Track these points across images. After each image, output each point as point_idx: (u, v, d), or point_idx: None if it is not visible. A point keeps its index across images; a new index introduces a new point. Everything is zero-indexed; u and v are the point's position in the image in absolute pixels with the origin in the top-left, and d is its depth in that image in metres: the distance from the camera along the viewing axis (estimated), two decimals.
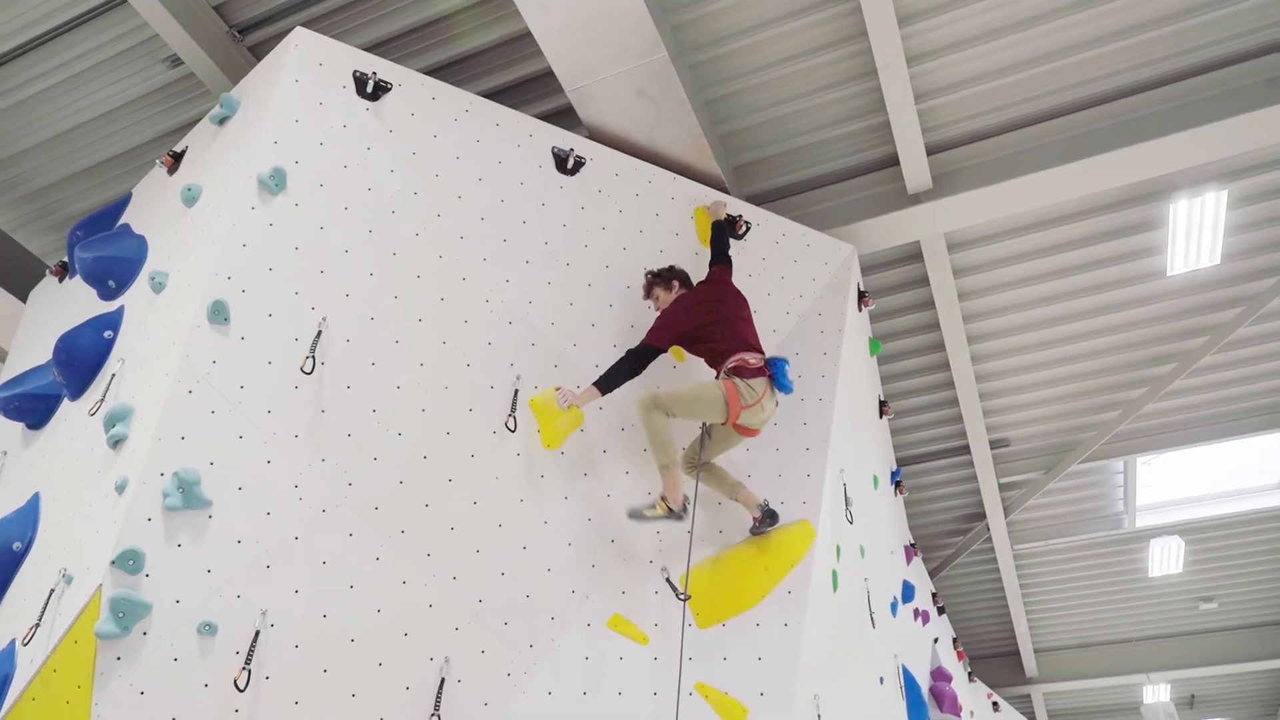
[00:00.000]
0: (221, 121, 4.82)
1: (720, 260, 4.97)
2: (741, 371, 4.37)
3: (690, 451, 4.61)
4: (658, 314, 4.73)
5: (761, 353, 4.53)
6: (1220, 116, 5.33)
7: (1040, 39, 5.36)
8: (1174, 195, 6.15)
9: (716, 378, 4.47)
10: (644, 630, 4.42)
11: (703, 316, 4.55)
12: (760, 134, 5.95)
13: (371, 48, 5.59)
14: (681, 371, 4.92)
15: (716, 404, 4.32)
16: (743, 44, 5.43)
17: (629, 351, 4.46)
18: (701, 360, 4.72)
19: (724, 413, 4.34)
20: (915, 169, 5.75)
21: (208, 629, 3.60)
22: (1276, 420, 7.83)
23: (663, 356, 4.58)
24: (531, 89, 5.89)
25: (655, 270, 4.88)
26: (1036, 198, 5.92)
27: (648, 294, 4.86)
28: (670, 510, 4.29)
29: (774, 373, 4.41)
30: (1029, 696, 11.51)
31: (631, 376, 4.42)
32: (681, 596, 4.36)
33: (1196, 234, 6.36)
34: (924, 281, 6.83)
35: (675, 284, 4.81)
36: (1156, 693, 11.54)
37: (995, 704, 9.30)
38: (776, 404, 4.50)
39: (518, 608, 4.30)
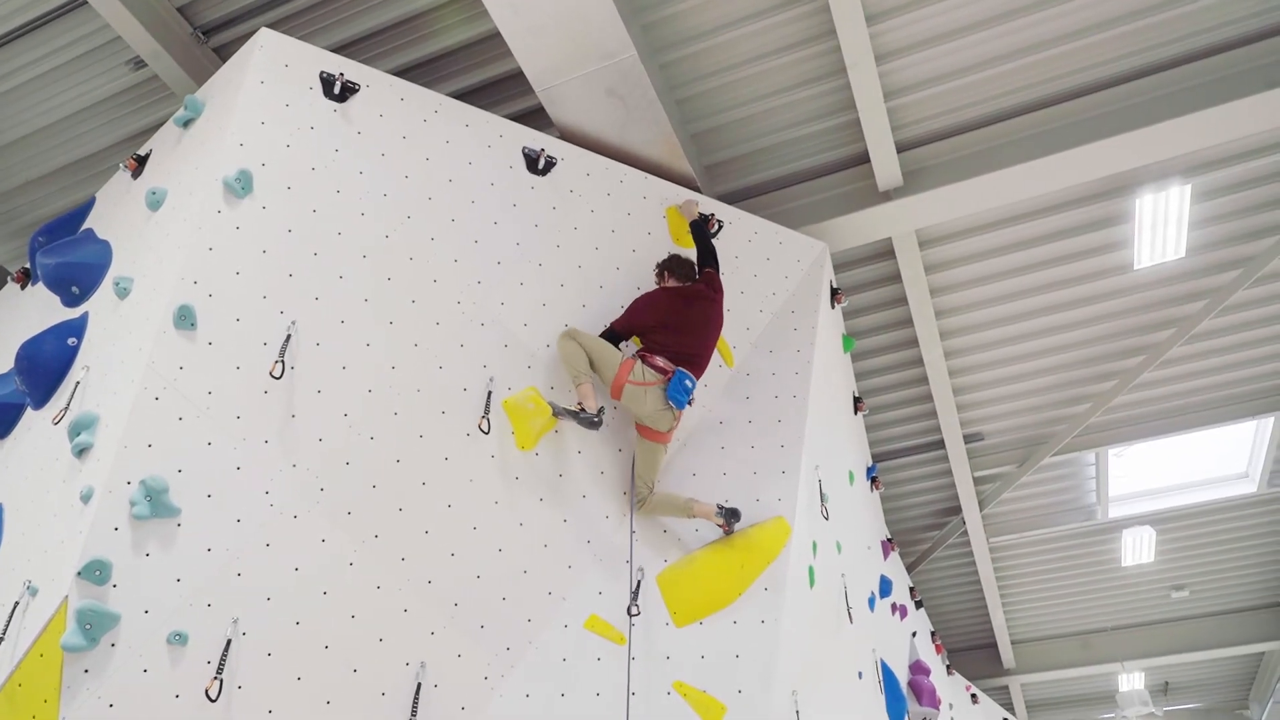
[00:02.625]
0: (186, 124, 4.75)
1: (709, 262, 5.02)
2: (647, 360, 4.56)
3: (641, 487, 4.71)
4: None
5: (686, 373, 4.59)
6: (1182, 112, 5.40)
7: (1007, 36, 5.41)
8: (1140, 190, 6.24)
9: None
10: (621, 630, 4.41)
11: (661, 317, 4.69)
12: (731, 133, 5.96)
13: (338, 49, 5.54)
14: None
15: (611, 365, 4.56)
16: (712, 43, 5.43)
17: (601, 334, 4.73)
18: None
19: (610, 375, 4.53)
20: (885, 166, 5.79)
21: (178, 639, 3.55)
22: (1242, 410, 7.97)
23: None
24: (502, 89, 5.87)
25: (658, 262, 5.03)
26: (1006, 193, 5.98)
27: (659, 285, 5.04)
28: (583, 411, 4.44)
29: (672, 379, 4.53)
30: (1007, 687, 11.63)
31: None
32: (632, 612, 4.40)
33: (1162, 228, 6.45)
34: (896, 278, 6.88)
35: (665, 274, 4.95)
36: (1131, 680, 11.71)
37: (974, 696, 9.38)
38: (673, 414, 4.61)
39: (494, 610, 4.28)
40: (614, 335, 4.75)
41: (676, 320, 4.69)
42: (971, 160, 5.83)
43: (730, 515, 4.66)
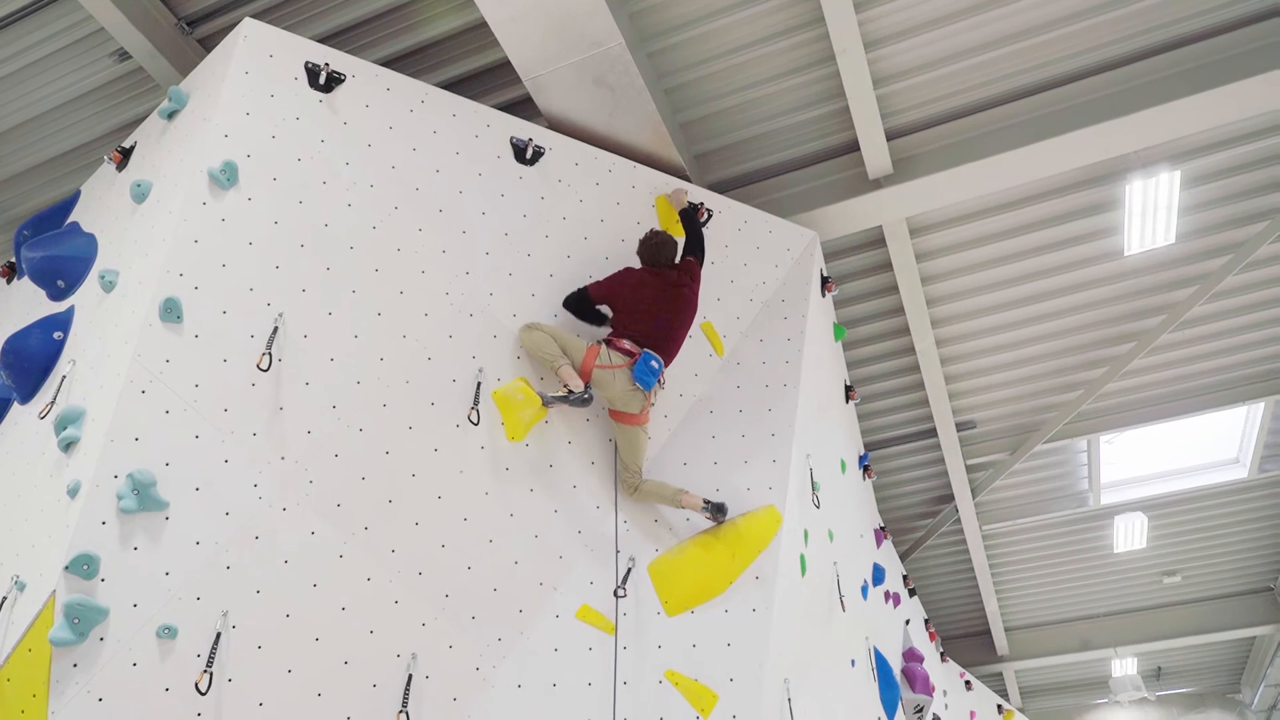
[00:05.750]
0: (170, 116, 4.71)
1: (694, 251, 5.02)
2: (613, 344, 4.59)
3: (626, 476, 4.72)
4: None
5: (652, 354, 4.59)
6: (1171, 98, 5.41)
7: (996, 22, 5.39)
8: (1129, 176, 6.24)
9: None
10: (613, 620, 4.41)
11: (631, 298, 4.70)
12: (720, 121, 5.94)
13: (324, 39, 5.51)
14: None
15: (577, 352, 4.59)
16: (700, 31, 5.41)
17: (574, 292, 4.82)
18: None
19: (577, 361, 4.57)
20: (875, 154, 5.78)
21: (167, 632, 3.54)
22: (1232, 396, 8.00)
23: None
24: (489, 79, 5.84)
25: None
26: (996, 180, 5.98)
27: None
28: (571, 392, 4.45)
29: (638, 361, 4.55)
30: (1001, 674, 11.71)
31: (571, 310, 4.81)
32: (619, 594, 4.42)
33: (1152, 214, 6.45)
34: (887, 266, 6.87)
35: (638, 254, 4.95)
36: (1124, 666, 11.79)
37: (968, 683, 9.42)
38: (643, 396, 4.59)
39: (485, 601, 4.28)
40: (584, 296, 4.76)
41: (648, 305, 4.68)
42: (961, 147, 5.83)
43: (717, 510, 4.65)
